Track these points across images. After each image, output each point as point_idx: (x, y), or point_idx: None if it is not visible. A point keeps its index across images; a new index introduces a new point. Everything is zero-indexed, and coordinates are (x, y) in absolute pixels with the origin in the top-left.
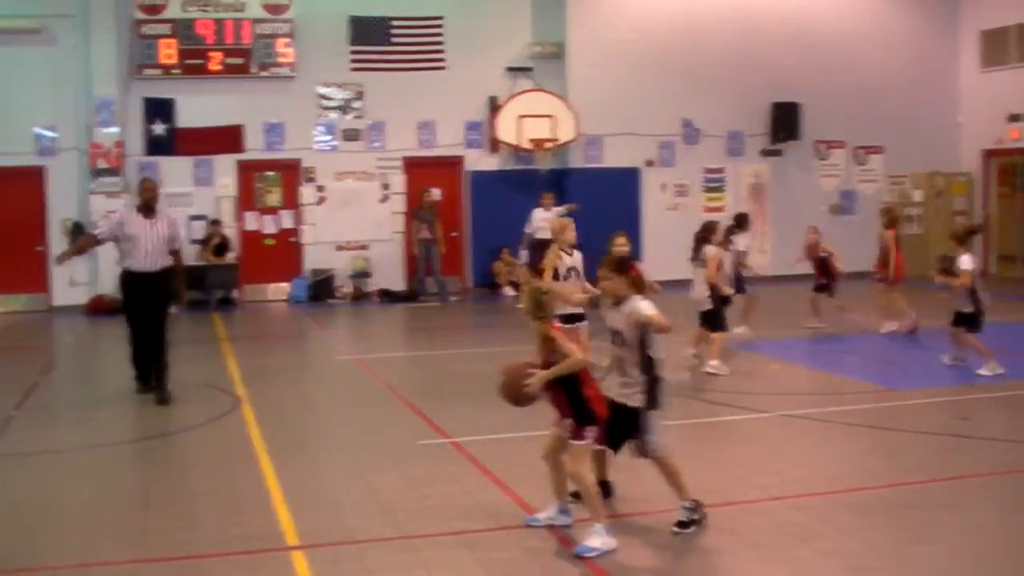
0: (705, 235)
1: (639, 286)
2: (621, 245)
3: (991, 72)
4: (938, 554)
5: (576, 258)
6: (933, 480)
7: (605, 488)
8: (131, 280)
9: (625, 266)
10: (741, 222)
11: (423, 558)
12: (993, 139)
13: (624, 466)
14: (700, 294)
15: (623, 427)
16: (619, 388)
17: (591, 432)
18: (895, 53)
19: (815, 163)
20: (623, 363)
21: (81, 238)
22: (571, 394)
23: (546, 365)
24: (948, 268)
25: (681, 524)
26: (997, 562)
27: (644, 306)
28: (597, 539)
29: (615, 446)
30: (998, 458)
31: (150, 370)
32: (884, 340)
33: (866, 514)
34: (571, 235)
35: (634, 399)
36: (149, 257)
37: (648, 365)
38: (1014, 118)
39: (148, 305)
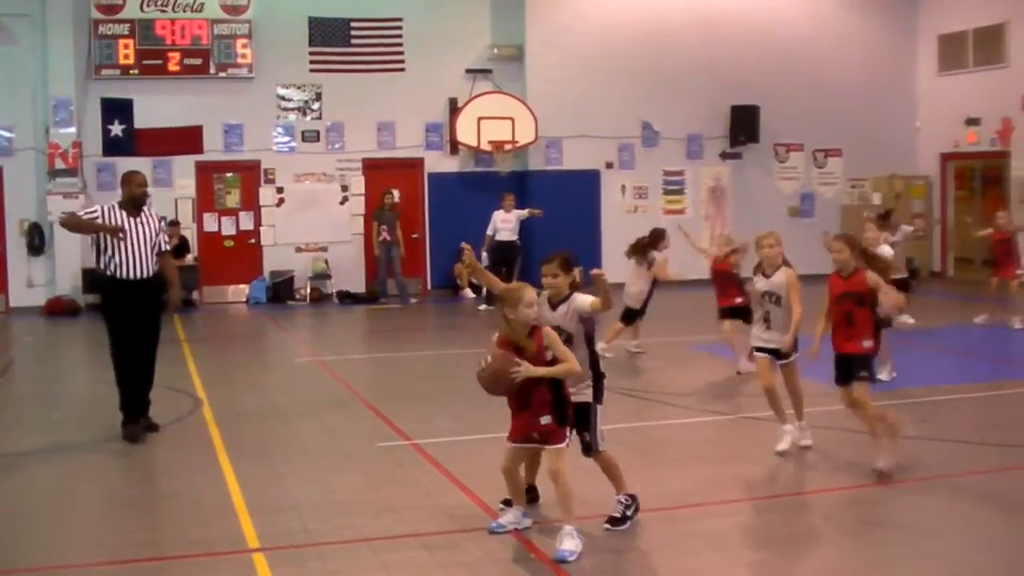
0: (653, 242)
1: (576, 284)
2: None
3: (949, 76)
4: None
5: None
6: (892, 483)
7: (531, 492)
8: (119, 290)
9: (572, 264)
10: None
11: (384, 560)
12: (951, 143)
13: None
14: (635, 293)
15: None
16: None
17: (567, 432)
18: (854, 57)
19: (774, 166)
20: (567, 334)
21: (84, 221)
22: (555, 393)
23: (533, 360)
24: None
25: (613, 520)
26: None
27: (582, 298)
28: (572, 541)
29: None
30: (961, 460)
31: (138, 399)
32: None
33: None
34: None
35: (583, 395)
36: (140, 262)
37: (595, 361)
38: (971, 122)
39: (141, 319)
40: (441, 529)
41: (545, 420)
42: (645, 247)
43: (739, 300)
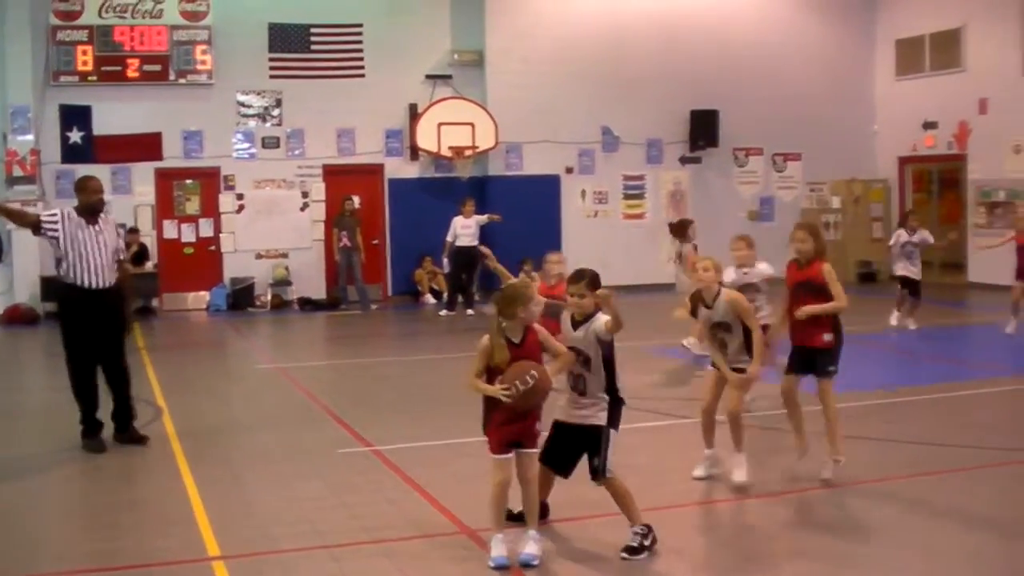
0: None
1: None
2: (556, 263)
3: (906, 80)
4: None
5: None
6: (850, 483)
7: (541, 509)
8: (78, 298)
9: (599, 283)
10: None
11: (345, 568)
12: (908, 146)
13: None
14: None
15: (577, 448)
16: (574, 408)
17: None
18: (813, 61)
19: (734, 170)
20: (584, 382)
21: (19, 209)
22: None
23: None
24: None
25: (631, 550)
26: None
27: (602, 319)
28: (536, 545)
29: (565, 470)
30: (921, 459)
31: (121, 412)
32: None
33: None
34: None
35: (597, 418)
36: (99, 271)
37: (613, 386)
38: (929, 126)
39: (102, 329)
40: (403, 535)
41: (538, 425)
42: (675, 234)
43: None
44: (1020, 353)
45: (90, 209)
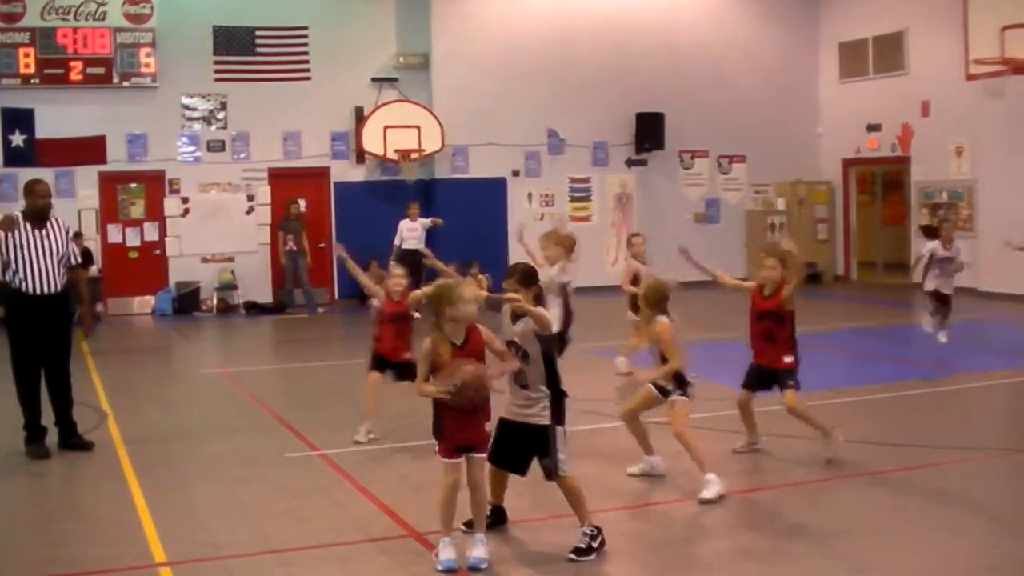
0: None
1: (541, 297)
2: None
3: (850, 83)
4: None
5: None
6: (789, 484)
7: (498, 514)
8: (25, 304)
9: (533, 278)
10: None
11: (293, 573)
12: (852, 148)
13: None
14: None
15: (526, 448)
16: (518, 407)
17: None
18: (758, 64)
19: (679, 172)
20: (523, 375)
21: None
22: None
23: (474, 359)
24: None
25: (579, 551)
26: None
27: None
28: (484, 548)
29: (519, 469)
30: (869, 460)
31: (63, 421)
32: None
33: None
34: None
35: (540, 416)
36: (46, 276)
37: (553, 381)
38: (872, 128)
39: (48, 335)
40: (350, 539)
41: (488, 426)
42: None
43: None
44: (967, 354)
45: (37, 213)
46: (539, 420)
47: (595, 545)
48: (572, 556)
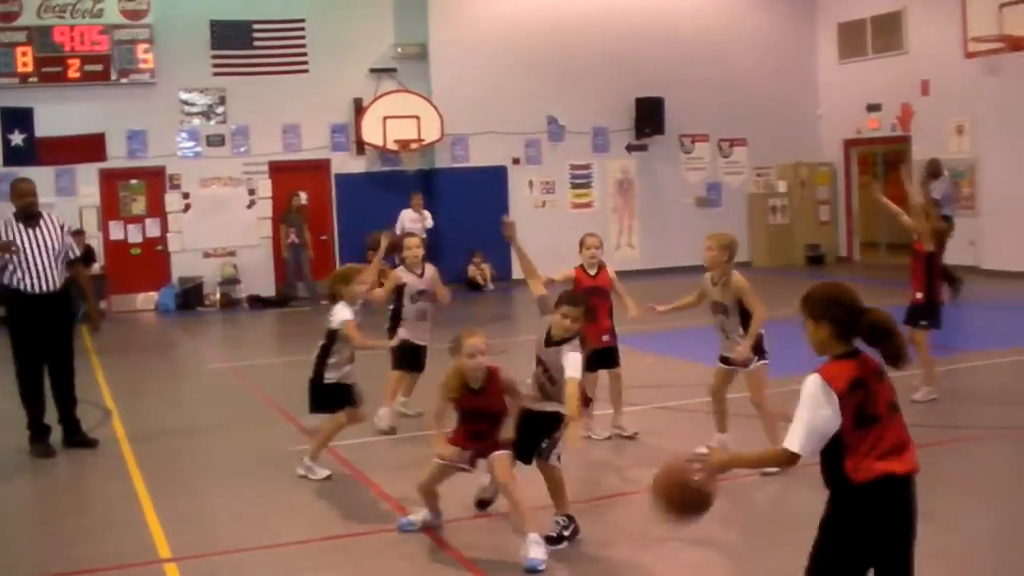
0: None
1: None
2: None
3: (849, 64)
4: None
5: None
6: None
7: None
8: (24, 304)
9: (581, 298)
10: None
11: (299, 565)
12: (853, 129)
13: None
14: None
15: (537, 435)
16: (538, 402)
17: None
18: (756, 47)
19: (680, 157)
20: (547, 391)
21: None
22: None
23: (496, 408)
24: None
25: (551, 539)
26: None
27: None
28: (539, 548)
29: (529, 458)
30: None
31: (66, 421)
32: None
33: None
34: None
35: (559, 406)
36: (43, 274)
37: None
38: (872, 108)
39: (50, 333)
40: (356, 531)
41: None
42: None
43: None
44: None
45: (24, 213)
46: (557, 408)
47: (567, 534)
48: (544, 543)
